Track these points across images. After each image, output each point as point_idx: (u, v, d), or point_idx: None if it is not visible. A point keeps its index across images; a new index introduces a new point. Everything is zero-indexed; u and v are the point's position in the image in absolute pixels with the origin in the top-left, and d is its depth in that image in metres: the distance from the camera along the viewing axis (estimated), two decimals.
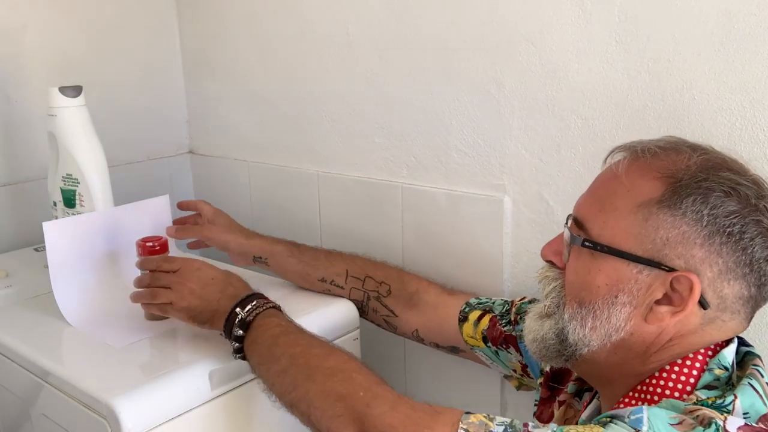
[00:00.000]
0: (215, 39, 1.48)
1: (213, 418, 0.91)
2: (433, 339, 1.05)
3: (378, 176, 1.24)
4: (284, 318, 0.90)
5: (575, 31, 0.95)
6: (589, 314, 0.73)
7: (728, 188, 0.67)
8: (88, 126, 1.13)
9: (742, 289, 0.69)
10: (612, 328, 0.71)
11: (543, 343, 0.77)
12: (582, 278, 0.74)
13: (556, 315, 0.76)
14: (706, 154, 0.71)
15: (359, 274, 1.09)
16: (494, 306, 0.99)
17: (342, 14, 1.23)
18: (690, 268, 0.68)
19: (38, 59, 1.34)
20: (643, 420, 0.62)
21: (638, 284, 0.70)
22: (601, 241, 0.72)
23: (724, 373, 0.69)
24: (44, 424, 0.94)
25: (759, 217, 0.67)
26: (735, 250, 0.67)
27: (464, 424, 0.66)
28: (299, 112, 1.35)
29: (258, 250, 1.13)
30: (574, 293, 0.74)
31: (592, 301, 0.72)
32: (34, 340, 0.98)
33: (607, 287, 0.71)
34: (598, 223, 0.73)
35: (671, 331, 0.70)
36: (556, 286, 0.77)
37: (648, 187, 0.70)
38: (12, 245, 1.32)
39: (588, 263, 0.73)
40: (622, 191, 0.72)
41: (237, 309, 0.89)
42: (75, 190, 1.12)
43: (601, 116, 0.95)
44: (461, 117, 1.10)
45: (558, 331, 0.75)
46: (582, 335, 0.73)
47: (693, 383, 0.70)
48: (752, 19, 0.81)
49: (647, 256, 0.69)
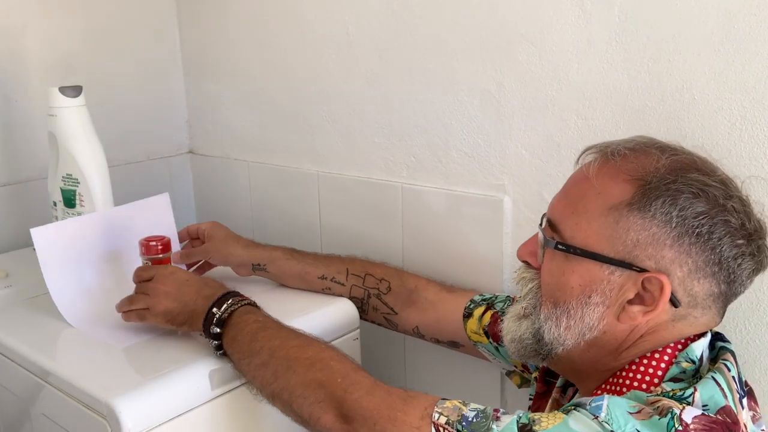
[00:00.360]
0: (215, 39, 1.48)
1: (213, 418, 0.91)
2: (433, 335, 1.06)
3: (378, 176, 1.24)
4: (261, 313, 0.91)
5: (575, 31, 0.95)
6: (563, 314, 0.75)
7: (697, 189, 0.69)
8: (88, 126, 1.13)
9: (712, 286, 0.70)
10: (586, 327, 0.74)
11: (520, 343, 0.80)
12: (556, 279, 0.76)
13: (532, 315, 0.78)
14: (675, 156, 0.73)
15: (359, 272, 1.10)
16: (496, 302, 1.00)
17: (342, 14, 1.23)
18: (660, 269, 0.70)
19: (38, 59, 1.35)
20: (602, 407, 0.65)
21: (610, 285, 0.72)
22: (573, 243, 0.74)
23: (691, 366, 0.71)
24: (44, 424, 0.94)
25: (727, 217, 0.69)
26: (704, 250, 0.69)
27: (439, 408, 0.70)
28: (299, 113, 1.35)
29: (256, 258, 1.13)
30: (549, 294, 0.77)
31: (567, 301, 0.74)
32: (34, 340, 0.98)
33: (581, 288, 0.73)
34: (571, 225, 0.75)
35: (643, 328, 0.73)
36: (533, 287, 0.79)
37: (618, 189, 0.72)
38: (12, 245, 1.32)
39: (562, 265, 0.75)
40: (593, 194, 0.73)
41: (213, 309, 0.90)
42: (75, 190, 1.12)
43: (601, 116, 0.95)
44: (461, 117, 1.10)
45: (534, 331, 0.78)
46: (557, 335, 0.75)
47: (660, 375, 0.72)
48: (752, 19, 0.81)
49: (619, 257, 0.71)
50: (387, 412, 0.71)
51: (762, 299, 0.87)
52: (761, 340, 0.88)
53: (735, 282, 0.71)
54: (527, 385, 1.02)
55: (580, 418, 0.65)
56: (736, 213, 0.69)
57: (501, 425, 0.67)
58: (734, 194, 0.70)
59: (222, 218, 1.32)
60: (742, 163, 0.84)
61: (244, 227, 1.44)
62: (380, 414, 0.71)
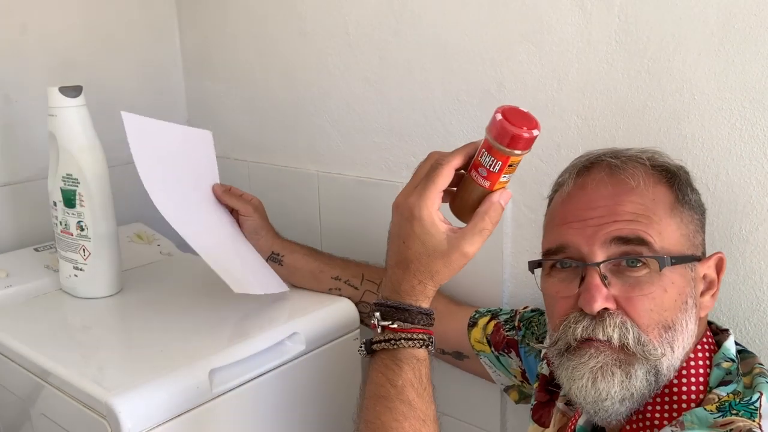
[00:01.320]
0: (215, 39, 1.48)
1: (213, 418, 0.91)
2: (439, 345, 1.06)
3: (378, 176, 1.24)
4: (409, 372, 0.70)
5: (575, 31, 0.95)
6: (675, 334, 0.69)
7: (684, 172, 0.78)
8: (88, 126, 1.12)
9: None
10: (689, 335, 0.71)
11: (634, 399, 0.69)
12: (659, 302, 0.69)
13: (642, 357, 0.68)
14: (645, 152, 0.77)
15: (375, 278, 1.10)
16: (500, 314, 1.01)
17: (342, 14, 1.23)
18: (704, 250, 0.76)
19: (38, 59, 1.34)
20: None
21: (693, 282, 0.73)
22: (666, 254, 0.70)
23: (732, 365, 0.72)
24: (44, 424, 0.94)
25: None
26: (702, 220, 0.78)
27: None
28: (299, 112, 1.35)
29: (278, 246, 1.13)
30: (655, 321, 0.69)
31: (673, 319, 0.69)
32: (34, 340, 0.98)
33: (680, 297, 0.71)
34: (656, 236, 0.70)
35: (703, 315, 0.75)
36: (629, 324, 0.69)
37: (662, 191, 0.74)
38: (12, 245, 1.32)
39: (658, 282, 0.69)
40: (650, 202, 0.72)
41: (378, 313, 0.72)
42: (75, 190, 1.12)
43: (601, 116, 0.95)
44: (461, 117, 1.10)
45: (654, 371, 0.68)
46: (673, 360, 0.69)
47: (704, 381, 0.71)
48: (752, 19, 0.81)
49: (690, 252, 0.73)
50: None
51: (762, 299, 0.87)
52: (761, 340, 0.87)
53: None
54: (525, 401, 1.02)
55: None
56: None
57: None
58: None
59: None
60: (742, 163, 0.84)
61: None
62: None
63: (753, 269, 0.86)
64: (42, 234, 1.31)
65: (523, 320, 0.97)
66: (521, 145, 0.65)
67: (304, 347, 1.01)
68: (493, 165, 0.67)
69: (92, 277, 1.13)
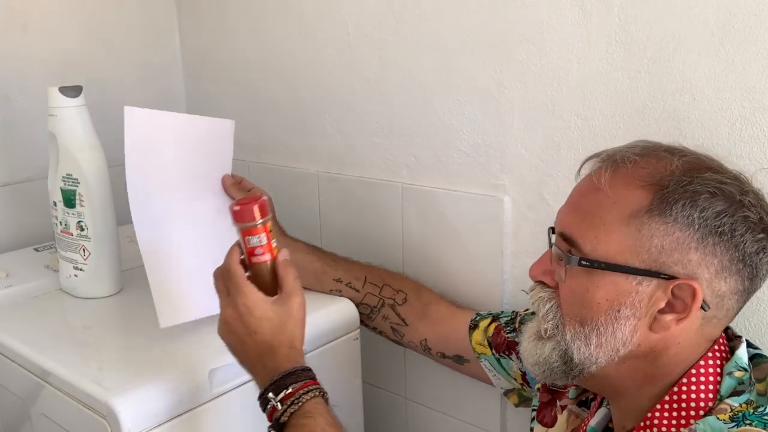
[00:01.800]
0: (215, 39, 1.48)
1: (213, 418, 0.91)
2: (440, 348, 1.07)
3: (378, 176, 1.24)
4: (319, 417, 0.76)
5: (575, 31, 0.95)
6: (592, 332, 0.72)
7: (713, 188, 0.68)
8: (88, 126, 1.12)
9: (737, 284, 0.70)
10: (619, 342, 0.71)
11: (546, 366, 0.76)
12: (580, 297, 0.73)
13: (557, 336, 0.75)
14: (685, 157, 0.71)
15: (378, 281, 1.10)
16: (501, 316, 1.01)
17: (342, 14, 1.23)
18: (688, 273, 0.68)
19: (38, 59, 1.34)
20: None
21: (639, 296, 0.70)
22: (596, 257, 0.71)
23: (745, 374, 0.70)
24: (44, 424, 0.94)
25: (746, 213, 0.68)
26: (728, 249, 0.68)
27: None
28: (299, 112, 1.35)
29: (281, 243, 1.12)
30: (574, 312, 0.73)
31: (594, 318, 0.72)
32: (34, 340, 0.98)
33: (608, 303, 0.71)
34: (590, 239, 0.72)
35: (676, 334, 0.71)
36: (552, 306, 0.76)
37: (634, 197, 0.70)
38: (12, 245, 1.32)
39: (584, 281, 0.72)
40: (608, 204, 0.71)
41: (270, 394, 0.77)
42: (75, 190, 1.12)
43: (601, 116, 0.95)
44: (461, 117, 1.10)
45: (561, 352, 0.74)
46: (588, 354, 0.72)
47: (714, 390, 0.70)
48: (752, 19, 0.81)
49: (645, 266, 0.69)
50: None
51: (762, 299, 0.87)
52: (761, 340, 0.87)
53: (757, 276, 0.70)
54: (525, 404, 1.02)
55: None
56: (753, 208, 0.69)
57: None
58: (749, 189, 0.70)
59: None
60: (742, 163, 0.84)
61: None
62: None
63: None
64: (42, 234, 1.31)
65: (524, 322, 0.96)
66: (264, 211, 0.82)
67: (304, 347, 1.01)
68: (261, 240, 0.82)
69: (92, 277, 1.13)
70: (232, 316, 0.81)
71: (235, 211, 0.82)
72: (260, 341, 0.80)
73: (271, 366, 0.79)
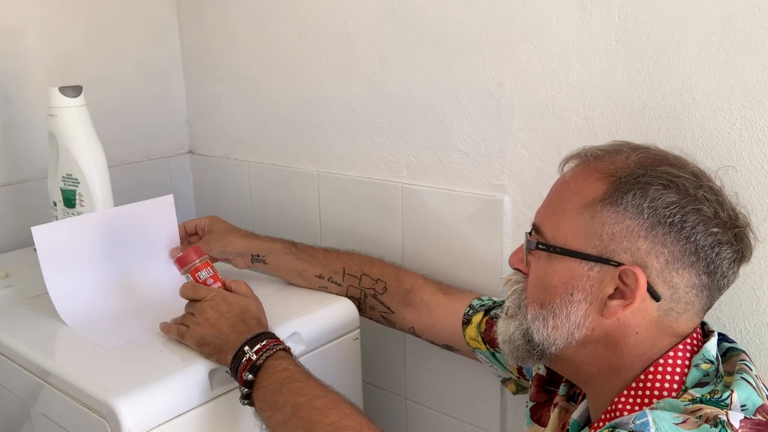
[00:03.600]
0: (215, 39, 1.48)
1: (213, 418, 0.91)
2: (429, 337, 1.07)
3: (378, 176, 1.24)
4: (292, 361, 0.88)
5: (575, 31, 0.95)
6: (549, 314, 0.75)
7: (666, 181, 0.70)
8: (88, 126, 1.13)
9: (692, 277, 0.71)
10: (573, 325, 0.74)
11: (512, 344, 0.80)
12: (541, 280, 0.77)
13: (519, 316, 0.79)
14: (646, 152, 0.74)
15: (356, 272, 1.10)
16: (493, 308, 1.00)
17: (342, 14, 1.23)
18: (637, 261, 0.70)
19: (38, 59, 1.35)
20: (648, 423, 0.63)
21: (590, 281, 0.73)
22: (554, 243, 0.75)
23: (711, 366, 0.71)
24: (44, 424, 0.94)
25: (698, 206, 0.70)
26: (678, 240, 0.70)
27: None
28: (299, 112, 1.35)
29: (255, 248, 1.13)
30: (536, 294, 0.77)
31: (551, 300, 0.75)
32: (34, 340, 0.98)
33: (563, 286, 0.74)
34: (551, 225, 0.76)
35: (632, 323, 0.72)
36: (518, 288, 0.81)
37: (592, 187, 0.73)
38: (12, 245, 1.32)
39: (545, 265, 0.76)
40: (569, 194, 0.75)
41: (246, 347, 0.88)
42: (75, 190, 1.12)
43: (601, 116, 0.95)
44: (461, 117, 1.10)
45: (523, 331, 0.78)
46: (546, 335, 0.76)
47: (680, 380, 0.71)
48: (752, 19, 0.81)
49: (596, 253, 0.72)
50: None
51: (762, 299, 0.87)
52: (761, 340, 0.88)
53: (716, 273, 0.71)
54: (523, 392, 1.02)
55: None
56: (707, 202, 0.70)
57: None
58: (705, 184, 0.71)
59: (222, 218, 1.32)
60: (742, 163, 0.85)
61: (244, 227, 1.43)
62: None
63: (753, 269, 0.86)
64: None
65: None
66: (200, 252, 1.01)
67: (304, 347, 1.01)
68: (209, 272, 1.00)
69: None
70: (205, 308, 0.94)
71: (179, 259, 1.01)
72: (232, 317, 0.93)
73: (244, 330, 0.91)
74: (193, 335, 0.93)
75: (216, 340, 0.91)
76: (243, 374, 0.86)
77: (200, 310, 0.95)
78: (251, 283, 1.02)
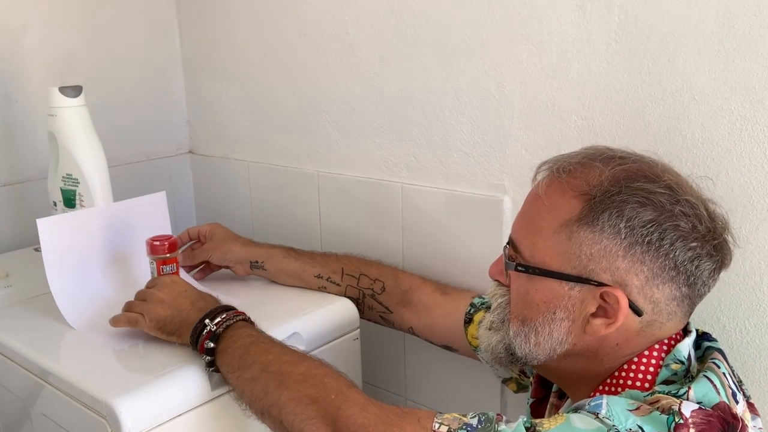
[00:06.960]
0: (215, 39, 1.48)
1: (213, 418, 0.91)
2: (428, 337, 1.07)
3: (378, 176, 1.24)
4: (254, 328, 0.90)
5: (575, 31, 0.95)
6: (531, 331, 0.76)
7: (642, 198, 0.70)
8: (88, 126, 1.13)
9: (673, 290, 0.71)
10: (555, 342, 0.75)
11: (494, 353, 0.82)
12: (522, 297, 0.77)
13: (502, 330, 0.80)
14: (620, 165, 0.73)
15: (354, 272, 1.10)
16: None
17: (342, 14, 1.23)
18: (617, 280, 0.71)
19: (38, 59, 1.35)
20: (602, 405, 0.66)
21: (572, 300, 0.73)
22: (532, 263, 0.76)
23: (681, 367, 0.72)
24: (44, 424, 0.94)
25: (676, 222, 0.70)
26: (657, 257, 0.70)
27: (439, 419, 0.70)
28: (299, 112, 1.35)
29: (254, 255, 1.14)
30: (518, 311, 0.78)
31: (533, 318, 0.76)
32: (34, 340, 0.98)
33: (545, 305, 0.75)
34: (529, 245, 0.76)
35: (614, 337, 0.73)
36: (502, 302, 0.81)
37: (567, 206, 0.73)
38: (12, 245, 1.32)
39: (526, 284, 0.77)
40: (545, 212, 0.75)
41: (206, 320, 0.89)
42: (75, 190, 1.12)
43: (601, 116, 0.95)
44: (461, 117, 1.10)
45: (506, 345, 0.80)
46: (528, 350, 0.77)
47: (651, 380, 0.72)
48: (752, 19, 0.81)
49: (575, 273, 0.72)
50: (382, 427, 0.71)
51: (762, 299, 0.87)
52: (761, 340, 0.88)
53: (696, 283, 0.72)
54: (524, 390, 1.02)
55: (582, 417, 0.66)
56: (685, 217, 0.70)
57: (510, 425, 0.68)
58: (682, 198, 0.71)
59: (222, 218, 1.33)
60: (742, 163, 0.85)
61: (244, 227, 1.44)
62: (375, 429, 0.71)
63: (753, 269, 0.86)
64: None
65: None
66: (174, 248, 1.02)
67: (304, 347, 1.01)
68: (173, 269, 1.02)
69: None
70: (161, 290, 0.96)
71: (153, 246, 1.00)
72: (192, 295, 0.95)
73: (204, 307, 0.92)
74: (152, 318, 0.93)
75: (176, 319, 0.92)
76: (204, 343, 0.87)
77: (153, 294, 0.95)
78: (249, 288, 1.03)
